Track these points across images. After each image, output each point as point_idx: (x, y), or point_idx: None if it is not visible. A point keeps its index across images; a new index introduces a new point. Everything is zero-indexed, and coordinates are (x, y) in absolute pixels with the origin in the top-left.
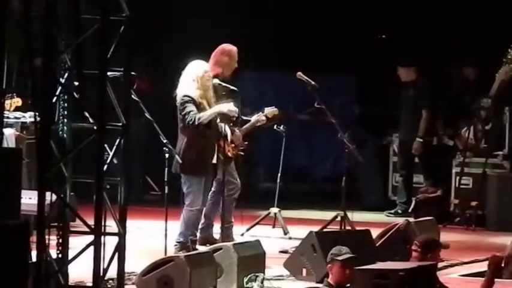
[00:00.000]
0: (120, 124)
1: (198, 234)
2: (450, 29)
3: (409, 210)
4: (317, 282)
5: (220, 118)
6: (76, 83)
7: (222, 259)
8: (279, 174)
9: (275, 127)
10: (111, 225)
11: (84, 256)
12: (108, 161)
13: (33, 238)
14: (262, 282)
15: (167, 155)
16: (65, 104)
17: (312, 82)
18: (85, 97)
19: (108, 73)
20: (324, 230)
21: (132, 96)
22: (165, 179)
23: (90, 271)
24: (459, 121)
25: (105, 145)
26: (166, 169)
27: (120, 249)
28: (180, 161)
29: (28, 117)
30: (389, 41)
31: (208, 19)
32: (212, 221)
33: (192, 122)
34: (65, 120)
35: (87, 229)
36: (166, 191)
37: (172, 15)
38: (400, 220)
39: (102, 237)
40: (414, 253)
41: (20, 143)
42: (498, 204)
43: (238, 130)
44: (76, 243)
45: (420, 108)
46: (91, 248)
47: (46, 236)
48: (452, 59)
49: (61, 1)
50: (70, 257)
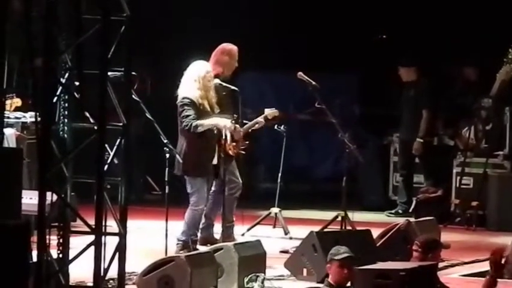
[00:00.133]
0: (120, 124)
1: (199, 234)
2: (451, 29)
3: (410, 210)
4: (318, 282)
5: (221, 116)
6: (77, 83)
7: (223, 259)
8: (280, 174)
9: (275, 127)
10: (111, 225)
11: (84, 256)
12: (108, 161)
13: (33, 238)
14: (262, 282)
15: (168, 155)
16: (66, 104)
17: (313, 82)
18: (86, 97)
19: (108, 73)
20: (325, 230)
21: (133, 96)
22: (166, 179)
23: (90, 271)
24: (460, 121)
25: (105, 145)
26: (167, 169)
27: (120, 249)
28: (181, 161)
29: (29, 117)
30: (390, 41)
31: (208, 19)
32: (213, 221)
33: (188, 128)
34: (66, 120)
35: (87, 229)
36: (167, 191)
37: (172, 15)
38: (401, 220)
39: (102, 237)
40: (415, 253)
41: (21, 143)
42: (499, 204)
43: (238, 127)
44: (77, 243)
45: (421, 108)
46: (92, 248)
47: (47, 236)
48: (453, 59)
49: (62, 1)
50: (71, 257)
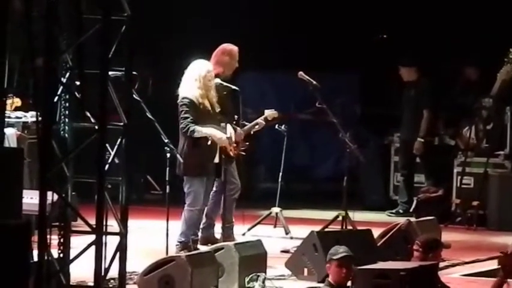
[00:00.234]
0: (121, 124)
1: (200, 233)
2: (451, 29)
3: (411, 209)
4: (318, 282)
5: (222, 117)
6: (77, 83)
7: (224, 259)
8: (281, 173)
9: (276, 127)
10: (112, 224)
11: (85, 256)
12: (109, 161)
13: (34, 238)
14: (263, 282)
15: (168, 155)
16: (67, 104)
17: (314, 82)
18: (86, 97)
19: (109, 73)
20: (326, 230)
21: (134, 95)
22: (167, 179)
23: (91, 271)
24: (460, 121)
25: (106, 145)
26: (167, 169)
27: (121, 248)
28: (182, 160)
29: (29, 117)
30: (390, 41)
31: (208, 19)
32: (213, 221)
33: (185, 131)
34: (67, 119)
35: (88, 229)
36: (167, 191)
37: (172, 15)
38: (402, 220)
39: (103, 236)
40: (415, 253)
41: (22, 143)
42: (499, 203)
43: (239, 129)
44: (77, 242)
45: (421, 108)
46: (92, 248)
47: (47, 236)
48: (453, 59)
49: (62, 1)
50: (71, 257)
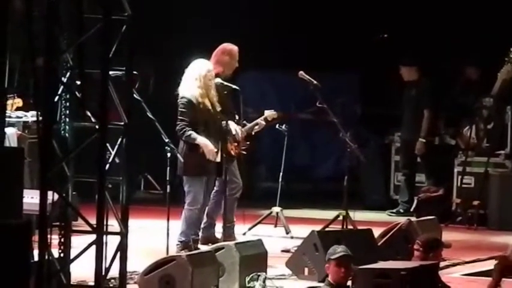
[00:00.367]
0: (122, 123)
1: (200, 233)
2: (452, 28)
3: (411, 209)
4: (319, 281)
5: (223, 117)
6: (78, 82)
7: (224, 258)
8: (281, 173)
9: (277, 126)
10: (113, 224)
11: (86, 255)
12: (110, 160)
13: (35, 237)
14: (264, 281)
15: (169, 154)
16: (67, 104)
17: (314, 81)
18: (87, 96)
19: (110, 72)
20: (326, 229)
21: (134, 95)
22: (167, 178)
23: (92, 270)
24: (461, 120)
25: (107, 144)
26: (168, 168)
27: (122, 248)
28: (182, 160)
29: (30, 116)
30: (391, 41)
31: (208, 19)
32: (214, 220)
33: (181, 134)
34: (67, 119)
35: (89, 228)
36: (168, 190)
37: (172, 15)
38: (402, 219)
39: (104, 236)
40: (416, 252)
41: (22, 143)
42: (500, 203)
43: (240, 128)
44: (78, 242)
45: (422, 107)
46: (93, 247)
47: (48, 235)
48: (454, 59)
49: (63, 0)
50: (72, 256)
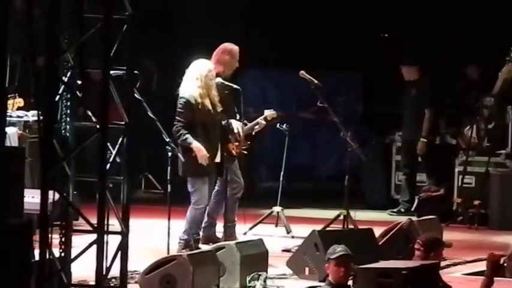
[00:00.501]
0: (122, 123)
1: (201, 233)
2: (453, 28)
3: (412, 209)
4: (320, 281)
5: (223, 116)
6: (79, 82)
7: (225, 258)
8: (282, 172)
9: (278, 126)
10: (114, 224)
11: (87, 255)
12: (110, 160)
13: (36, 237)
14: (264, 281)
15: (170, 154)
16: (68, 103)
17: (315, 81)
18: (88, 96)
19: (111, 72)
20: (327, 229)
21: (135, 95)
22: (168, 178)
23: (93, 270)
24: (462, 120)
25: (108, 144)
26: (169, 168)
27: (123, 248)
28: (183, 159)
29: (31, 116)
30: (392, 40)
31: (208, 19)
32: (215, 220)
33: (176, 136)
34: (68, 119)
35: (90, 228)
36: (169, 190)
37: (172, 15)
38: (403, 219)
39: (105, 236)
40: (417, 252)
41: (23, 142)
42: (501, 203)
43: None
44: (79, 242)
45: (423, 107)
46: (94, 247)
47: (49, 235)
48: (455, 58)
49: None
50: (73, 256)
